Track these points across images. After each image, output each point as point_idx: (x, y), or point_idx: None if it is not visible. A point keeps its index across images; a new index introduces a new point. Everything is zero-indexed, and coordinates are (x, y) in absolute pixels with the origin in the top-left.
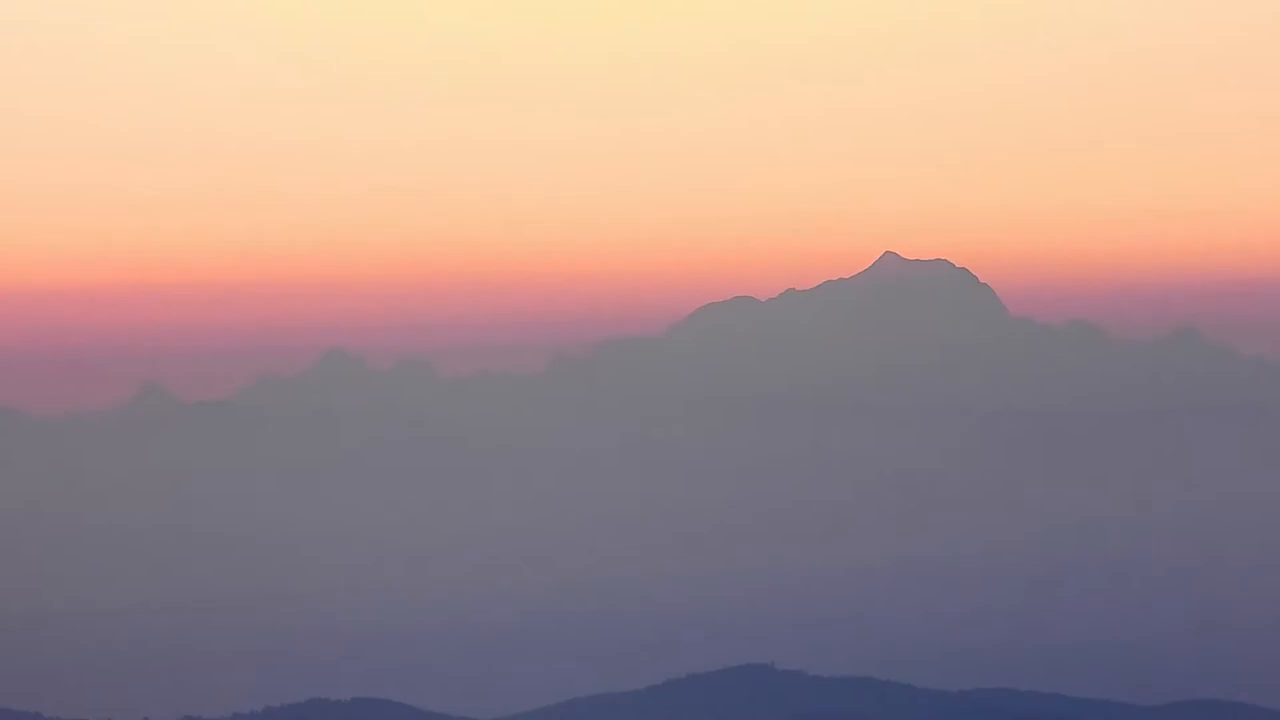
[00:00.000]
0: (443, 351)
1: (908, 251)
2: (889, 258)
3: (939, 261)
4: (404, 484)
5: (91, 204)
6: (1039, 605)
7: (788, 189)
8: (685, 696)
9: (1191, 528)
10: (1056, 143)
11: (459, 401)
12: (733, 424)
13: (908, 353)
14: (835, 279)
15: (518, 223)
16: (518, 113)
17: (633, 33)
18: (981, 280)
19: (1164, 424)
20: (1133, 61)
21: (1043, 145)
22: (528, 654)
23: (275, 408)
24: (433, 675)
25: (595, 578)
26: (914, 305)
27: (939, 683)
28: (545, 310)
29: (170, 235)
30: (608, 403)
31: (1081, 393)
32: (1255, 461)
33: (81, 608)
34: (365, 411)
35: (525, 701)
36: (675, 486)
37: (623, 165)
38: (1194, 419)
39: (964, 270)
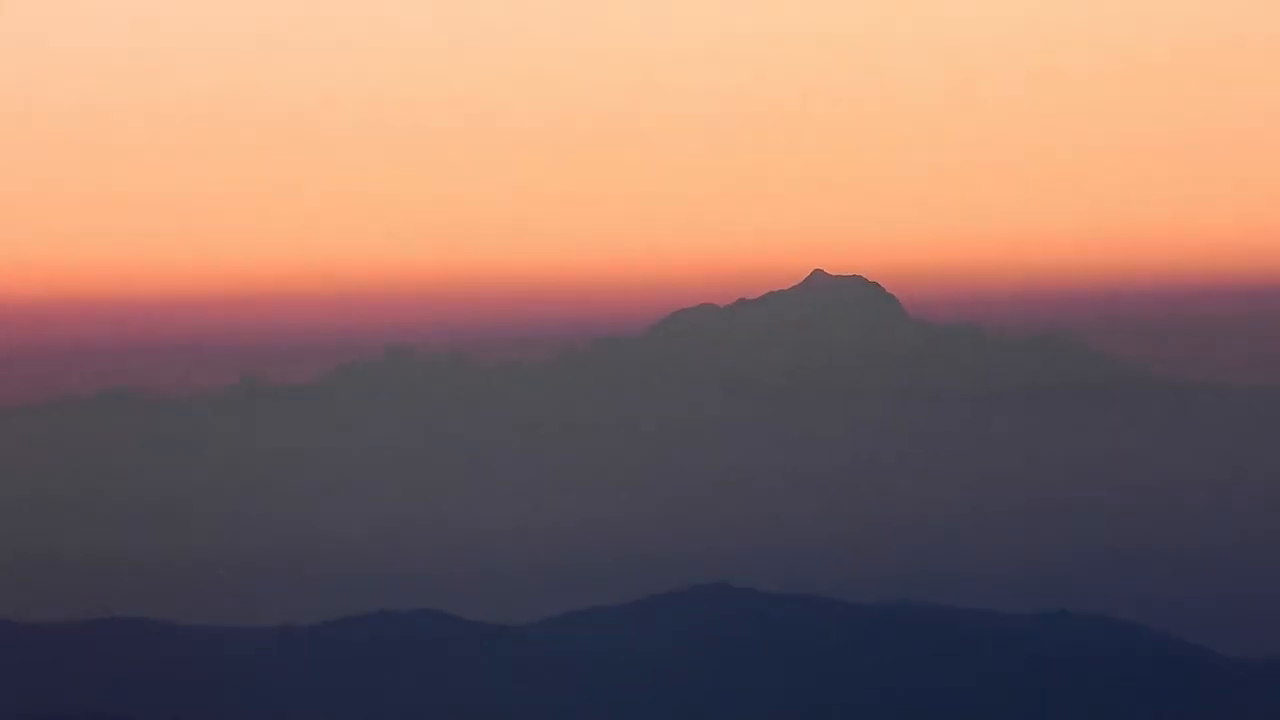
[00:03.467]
0: (470, 345)
1: (832, 269)
2: (818, 275)
3: (856, 277)
4: (451, 450)
5: (213, 223)
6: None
7: (742, 215)
8: (660, 608)
9: (1057, 509)
10: (949, 172)
11: (491, 387)
12: (702, 408)
13: (832, 353)
14: (777, 290)
15: (523, 240)
16: (525, 165)
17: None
18: (888, 291)
19: (1032, 412)
20: (1015, 96)
21: (937, 175)
22: (540, 578)
23: (352, 391)
24: (473, 595)
25: (594, 522)
26: (836, 313)
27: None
28: (551, 311)
29: (258, 251)
30: (605, 389)
31: (965, 385)
32: (1111, 452)
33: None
34: (419, 394)
35: (536, 613)
36: (659, 454)
37: (610, 197)
38: (1058, 409)
39: (875, 284)
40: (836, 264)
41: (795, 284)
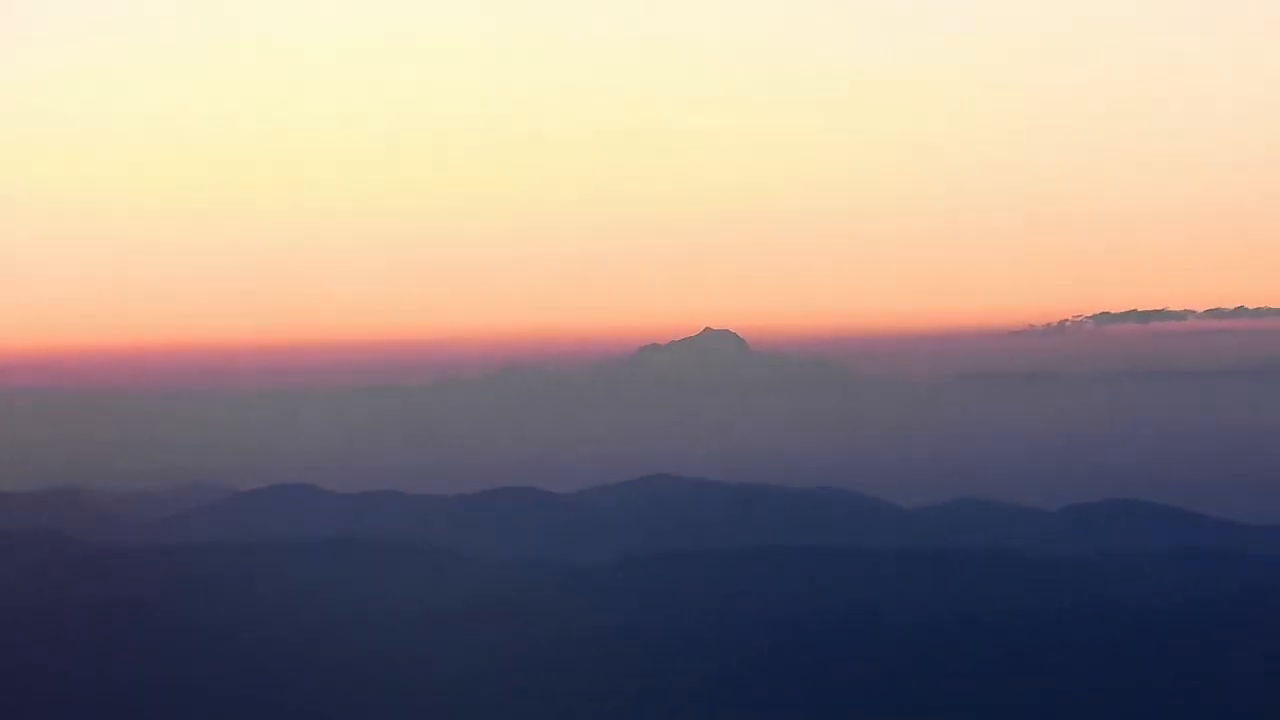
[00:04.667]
0: (546, 363)
1: (715, 324)
2: (708, 329)
3: (725, 330)
4: (540, 416)
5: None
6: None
7: (667, 288)
8: (641, 484)
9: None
10: (778, 254)
11: (560, 383)
12: (665, 395)
13: (716, 369)
14: (687, 336)
15: (555, 300)
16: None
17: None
18: (740, 335)
19: (799, 398)
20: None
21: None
22: (578, 472)
23: (499, 385)
24: (550, 476)
25: (610, 446)
26: (717, 348)
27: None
28: (578, 339)
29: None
30: (615, 385)
31: (773, 380)
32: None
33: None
34: (528, 387)
35: (579, 486)
36: (642, 420)
37: (599, 264)
38: (816, 396)
39: (735, 334)
40: (718, 321)
41: (697, 332)
